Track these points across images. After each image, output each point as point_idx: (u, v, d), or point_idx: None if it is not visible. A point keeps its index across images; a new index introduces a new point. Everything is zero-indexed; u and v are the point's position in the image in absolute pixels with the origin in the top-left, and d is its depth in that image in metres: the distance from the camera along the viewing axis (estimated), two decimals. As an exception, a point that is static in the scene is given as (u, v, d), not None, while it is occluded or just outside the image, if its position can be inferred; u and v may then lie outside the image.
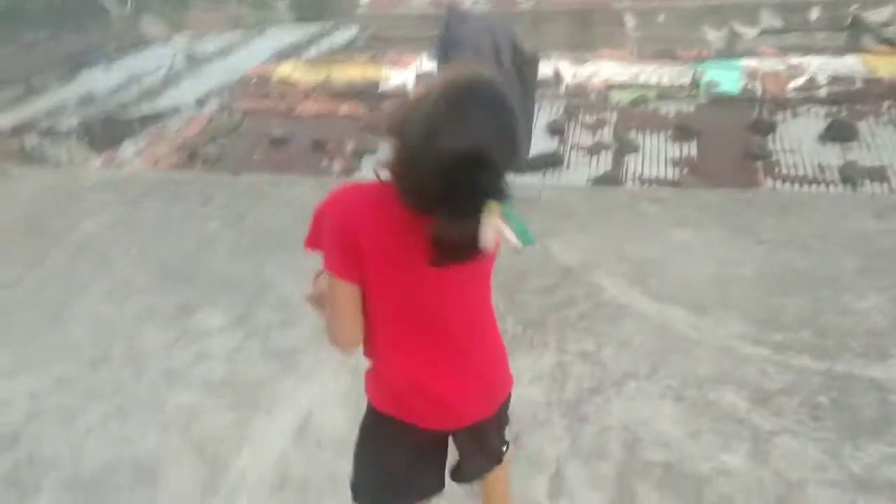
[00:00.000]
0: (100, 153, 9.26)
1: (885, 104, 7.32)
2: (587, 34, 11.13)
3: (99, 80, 12.47)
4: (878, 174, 6.40)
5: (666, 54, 9.25)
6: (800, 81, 7.77)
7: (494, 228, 1.08)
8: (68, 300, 3.08)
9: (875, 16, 10.55)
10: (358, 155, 8.16)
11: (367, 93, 9.43)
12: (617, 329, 2.64)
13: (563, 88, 8.74)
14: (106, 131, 9.81)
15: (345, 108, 9.28)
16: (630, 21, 11.06)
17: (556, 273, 3.02)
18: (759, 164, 6.76)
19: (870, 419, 2.16)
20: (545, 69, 9.36)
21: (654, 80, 8.39)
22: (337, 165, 8.12)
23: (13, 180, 4.59)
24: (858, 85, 7.79)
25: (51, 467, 2.21)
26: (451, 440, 1.43)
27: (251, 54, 12.74)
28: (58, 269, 3.38)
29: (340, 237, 1.17)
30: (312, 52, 12.81)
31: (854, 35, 10.44)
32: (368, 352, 1.33)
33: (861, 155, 6.72)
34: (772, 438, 2.11)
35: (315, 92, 9.77)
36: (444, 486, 1.47)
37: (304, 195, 3.78)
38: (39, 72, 13.88)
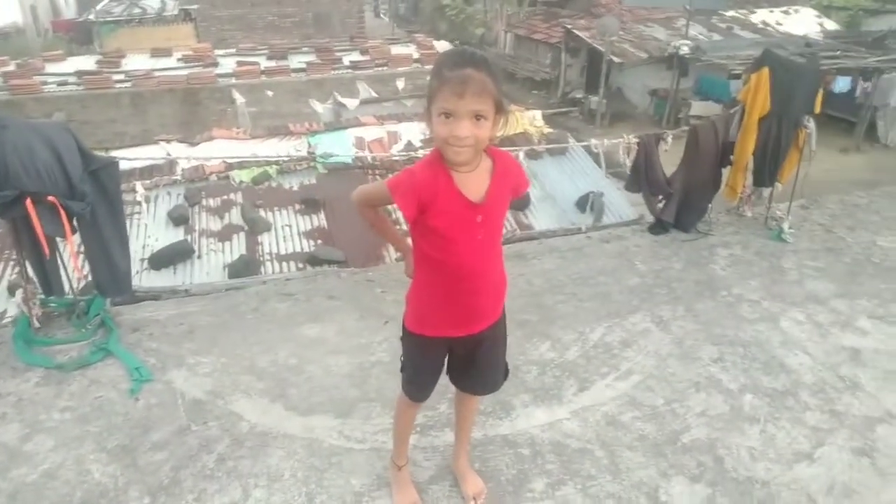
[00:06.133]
0: None
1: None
2: (197, 114, 10.71)
3: None
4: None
5: (279, 130, 9.42)
6: (400, 146, 8.70)
7: None
8: None
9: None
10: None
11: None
12: (264, 463, 2.36)
13: (178, 173, 8.15)
14: None
15: None
16: (240, 98, 11.04)
17: (185, 412, 2.60)
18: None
19: (509, 479, 2.31)
20: (155, 153, 8.64)
21: (272, 156, 8.42)
22: None
23: None
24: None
25: None
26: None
27: None
28: None
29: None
30: None
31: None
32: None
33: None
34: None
35: None
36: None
37: None
38: None
